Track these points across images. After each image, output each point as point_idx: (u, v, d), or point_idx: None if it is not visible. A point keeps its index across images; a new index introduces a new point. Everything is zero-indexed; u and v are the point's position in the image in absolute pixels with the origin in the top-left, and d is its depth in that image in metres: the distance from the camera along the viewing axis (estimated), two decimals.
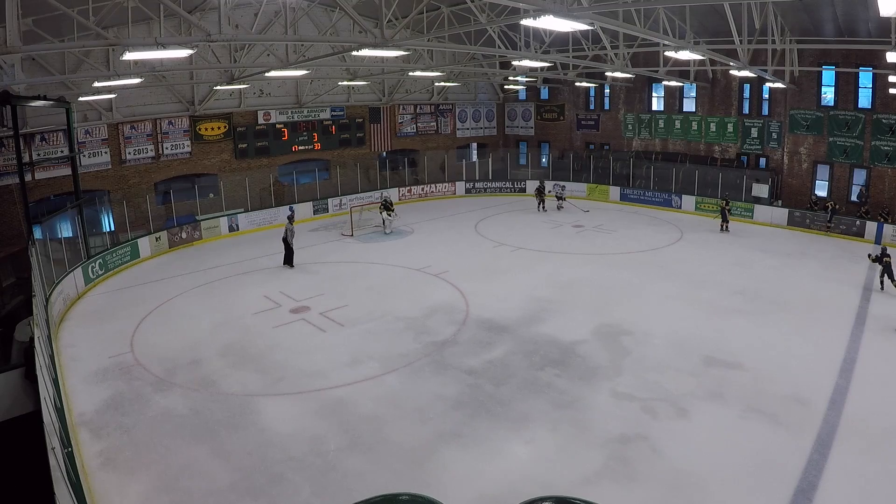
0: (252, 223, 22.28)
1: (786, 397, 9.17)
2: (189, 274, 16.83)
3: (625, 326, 12.22)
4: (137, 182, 20.75)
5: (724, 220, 20.71)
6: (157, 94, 20.82)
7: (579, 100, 30.13)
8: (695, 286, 13.84)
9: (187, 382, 10.27)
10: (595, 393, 9.60)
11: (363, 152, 27.44)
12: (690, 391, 9.52)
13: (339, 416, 9.05)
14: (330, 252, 19.09)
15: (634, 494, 7.11)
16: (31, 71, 16.63)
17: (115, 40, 10.01)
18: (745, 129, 24.28)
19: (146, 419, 9.09)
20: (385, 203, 21.43)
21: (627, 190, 26.24)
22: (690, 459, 7.72)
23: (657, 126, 27.25)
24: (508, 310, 13.27)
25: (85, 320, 13.62)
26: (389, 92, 27.67)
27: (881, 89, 19.96)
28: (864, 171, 21.07)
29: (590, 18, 8.80)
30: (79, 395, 9.89)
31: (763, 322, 12.33)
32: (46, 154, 18.21)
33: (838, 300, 13.66)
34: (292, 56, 16.15)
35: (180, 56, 14.75)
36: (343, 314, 13.31)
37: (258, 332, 12.43)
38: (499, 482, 7.35)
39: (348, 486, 7.29)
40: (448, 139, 31.04)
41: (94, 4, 11.46)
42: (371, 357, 11.06)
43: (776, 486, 7.10)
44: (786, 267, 16.50)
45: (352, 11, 9.51)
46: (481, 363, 10.68)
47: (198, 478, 7.60)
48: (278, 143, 24.52)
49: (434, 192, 28.22)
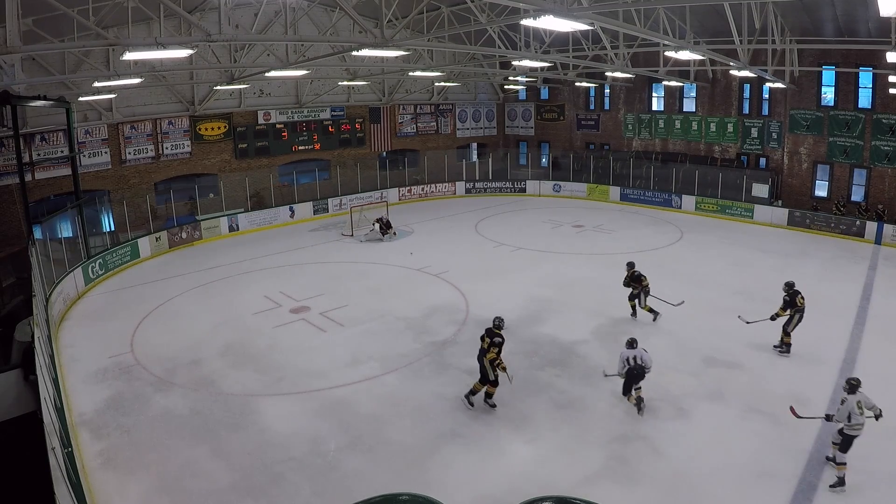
0: (252, 223, 22.27)
1: (786, 397, 9.16)
2: (189, 274, 16.82)
3: (625, 326, 12.21)
4: (137, 182, 20.75)
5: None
6: (157, 94, 20.82)
7: (579, 100, 30.13)
8: (695, 286, 13.83)
9: (187, 382, 10.27)
10: (595, 393, 9.59)
11: (363, 152, 27.44)
12: (690, 391, 9.52)
13: (339, 416, 9.05)
14: (330, 252, 19.09)
15: (634, 494, 7.11)
16: (31, 71, 16.62)
17: (115, 40, 10.01)
18: (745, 129, 24.28)
19: (146, 419, 9.09)
20: (384, 223, 20.66)
21: (627, 190, 26.23)
22: (690, 459, 7.72)
23: (657, 126, 27.25)
24: (508, 310, 13.18)
25: (85, 320, 13.62)
26: (389, 92, 27.67)
27: (881, 89, 19.95)
28: (864, 171, 21.07)
29: (590, 18, 8.80)
30: (79, 395, 9.89)
31: (762, 322, 12.31)
32: (46, 154, 18.22)
33: (838, 300, 13.65)
34: (292, 56, 16.16)
35: (180, 56, 14.77)
36: (343, 314, 13.30)
37: (258, 332, 12.43)
38: (499, 482, 7.35)
39: (348, 486, 7.28)
40: (448, 139, 31.03)
41: (94, 4, 11.45)
42: (371, 357, 11.06)
43: (776, 486, 7.11)
44: (786, 267, 16.48)
45: (352, 11, 9.51)
46: None
47: (198, 478, 7.60)
48: (278, 143, 24.53)
49: (434, 192, 28.21)
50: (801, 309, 10.60)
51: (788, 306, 10.65)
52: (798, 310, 10.61)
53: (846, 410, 7.18)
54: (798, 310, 10.61)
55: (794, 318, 10.66)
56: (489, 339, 8.94)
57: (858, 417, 7.15)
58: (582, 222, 22.50)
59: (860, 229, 19.44)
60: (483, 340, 9.06)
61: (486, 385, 9.06)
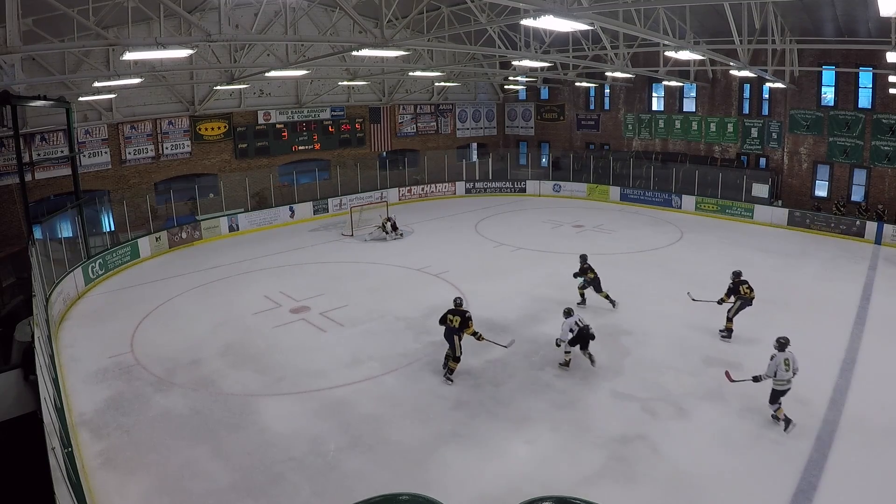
0: (252, 223, 22.27)
1: (786, 397, 9.15)
2: (189, 274, 16.82)
3: (625, 326, 12.22)
4: (137, 182, 20.75)
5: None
6: (157, 94, 20.83)
7: (579, 100, 30.13)
8: (695, 286, 13.78)
9: (187, 382, 10.27)
10: (595, 393, 9.60)
11: (363, 152, 27.44)
12: (690, 391, 9.52)
13: (339, 416, 9.05)
14: (330, 252, 19.09)
15: (634, 494, 7.11)
16: (31, 71, 16.62)
17: (115, 40, 10.02)
18: (745, 129, 24.28)
19: (146, 419, 9.09)
20: (392, 224, 20.70)
21: (627, 190, 26.22)
22: (690, 459, 7.72)
23: (657, 126, 27.25)
24: (508, 310, 13.26)
25: (85, 320, 13.62)
26: (389, 92, 27.67)
27: (881, 89, 19.95)
28: (864, 171, 21.07)
29: (590, 18, 8.81)
30: (79, 395, 9.88)
31: (763, 322, 12.31)
32: (46, 154, 18.22)
33: (838, 300, 13.65)
34: (292, 56, 16.16)
35: (180, 56, 14.77)
36: (343, 314, 13.30)
37: (258, 332, 12.43)
38: (499, 482, 7.35)
39: (348, 486, 7.28)
40: (448, 139, 31.03)
41: (94, 4, 11.46)
42: (371, 357, 11.06)
43: (776, 486, 7.10)
44: (786, 267, 16.49)
45: (352, 11, 9.51)
46: (481, 363, 10.67)
47: (198, 478, 7.60)
48: (278, 143, 24.53)
49: (434, 192, 28.21)
50: (745, 298, 11.21)
51: (732, 293, 11.26)
52: (741, 298, 11.20)
53: (774, 366, 8.08)
54: (741, 298, 11.20)
55: (736, 305, 11.27)
56: (460, 318, 9.64)
57: (785, 374, 8.10)
58: (582, 222, 22.50)
59: (860, 229, 19.44)
60: (451, 321, 9.70)
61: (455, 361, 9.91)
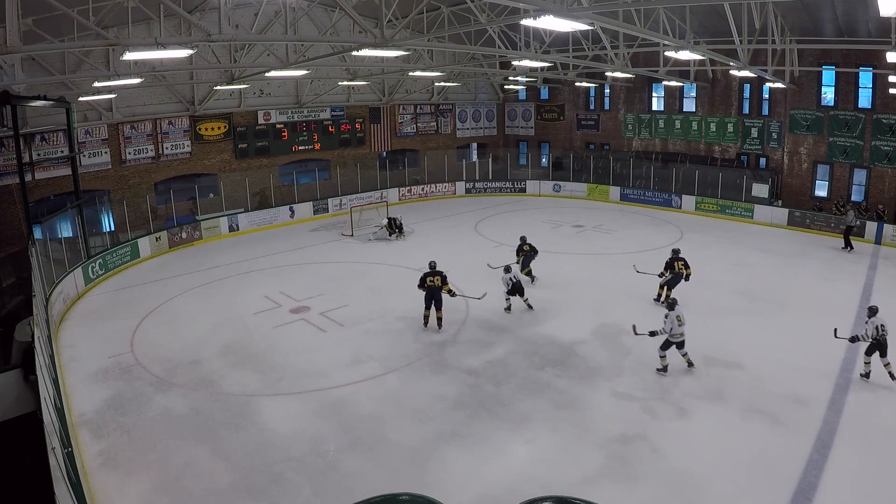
0: (252, 223, 22.28)
1: (786, 397, 9.17)
2: (189, 274, 16.83)
3: (625, 326, 12.17)
4: (137, 182, 20.75)
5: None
6: (157, 94, 20.82)
7: (579, 100, 30.13)
8: (695, 286, 13.81)
9: (187, 382, 10.27)
10: (595, 393, 9.60)
11: (363, 152, 27.44)
12: (690, 391, 9.52)
13: (339, 416, 9.05)
14: (330, 252, 19.09)
15: (634, 494, 7.11)
16: (31, 71, 16.62)
17: (115, 40, 10.03)
18: (745, 129, 24.28)
19: (146, 419, 9.09)
20: (396, 224, 20.64)
21: (627, 190, 26.23)
22: (690, 459, 7.72)
23: (657, 126, 27.25)
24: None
25: (85, 320, 13.62)
26: (389, 92, 27.67)
27: (881, 89, 19.95)
28: (864, 171, 21.07)
29: (590, 18, 8.80)
30: (79, 395, 9.89)
31: (763, 322, 12.33)
32: (46, 154, 18.21)
33: (838, 300, 13.65)
34: (292, 56, 16.16)
35: (180, 56, 14.78)
36: (343, 314, 13.30)
37: (258, 332, 12.43)
38: (499, 482, 7.35)
39: (348, 486, 7.28)
40: (448, 139, 31.03)
41: (94, 4, 11.48)
42: (371, 357, 11.06)
43: (776, 487, 7.10)
44: (786, 267, 16.50)
45: (352, 11, 9.51)
46: (481, 363, 10.68)
47: (198, 478, 7.60)
48: (278, 143, 24.53)
49: (434, 192, 28.22)
50: (680, 274, 13.04)
51: (668, 268, 13.18)
52: (676, 273, 13.05)
53: (670, 323, 9.67)
54: (676, 273, 13.05)
55: (667, 278, 13.17)
56: (439, 277, 11.96)
57: (678, 328, 9.74)
58: (582, 222, 22.50)
59: (860, 229, 19.42)
60: (431, 282, 11.91)
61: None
